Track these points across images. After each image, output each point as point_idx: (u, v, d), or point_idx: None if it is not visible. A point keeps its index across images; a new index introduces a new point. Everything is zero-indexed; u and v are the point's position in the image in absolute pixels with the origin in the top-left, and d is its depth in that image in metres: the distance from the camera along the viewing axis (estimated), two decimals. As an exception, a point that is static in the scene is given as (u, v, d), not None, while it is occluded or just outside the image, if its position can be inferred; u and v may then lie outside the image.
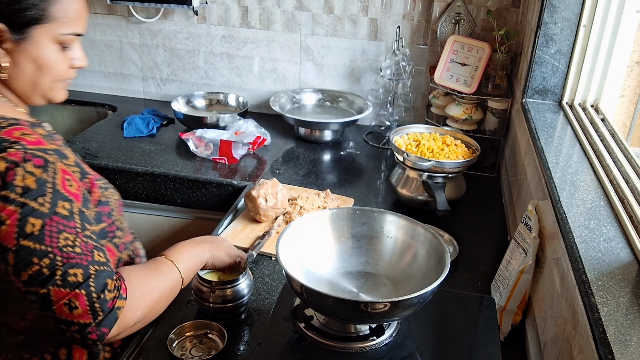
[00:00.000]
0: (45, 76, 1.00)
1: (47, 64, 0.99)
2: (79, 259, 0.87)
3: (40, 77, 1.00)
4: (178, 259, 1.07)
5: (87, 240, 0.91)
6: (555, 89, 1.60)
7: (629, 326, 0.74)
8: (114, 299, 0.88)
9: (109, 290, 0.88)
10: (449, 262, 1.00)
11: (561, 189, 1.09)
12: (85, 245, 0.90)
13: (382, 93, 2.21)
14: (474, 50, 1.92)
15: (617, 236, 0.95)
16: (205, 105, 2.40)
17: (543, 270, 1.13)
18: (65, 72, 1.03)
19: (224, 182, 1.82)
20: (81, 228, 0.91)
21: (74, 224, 0.90)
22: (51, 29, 0.97)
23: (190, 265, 1.09)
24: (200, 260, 1.12)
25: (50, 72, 1.00)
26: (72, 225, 0.89)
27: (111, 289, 0.88)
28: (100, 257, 0.91)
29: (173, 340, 1.08)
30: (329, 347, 1.00)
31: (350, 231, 1.17)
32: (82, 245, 0.89)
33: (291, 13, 2.26)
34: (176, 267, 1.05)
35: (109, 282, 0.89)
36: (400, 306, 0.94)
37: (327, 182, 1.87)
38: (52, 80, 1.01)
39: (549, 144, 1.32)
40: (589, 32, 1.50)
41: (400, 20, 2.16)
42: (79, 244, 0.89)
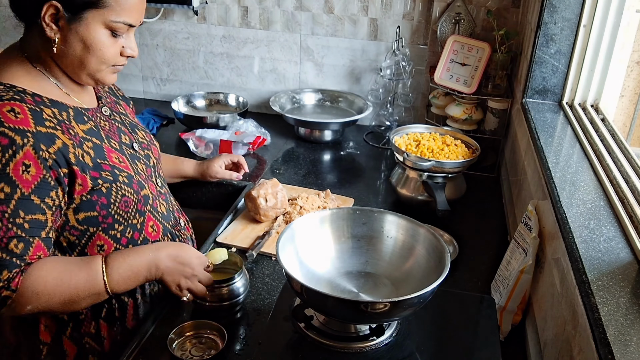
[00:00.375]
0: (92, 57, 1.05)
1: (94, 45, 1.04)
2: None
3: (87, 57, 1.05)
4: (114, 267, 1.05)
5: (11, 227, 0.95)
6: (555, 89, 1.60)
7: (629, 326, 0.74)
8: (1, 288, 0.94)
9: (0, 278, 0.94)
10: (449, 262, 1.00)
11: (561, 189, 1.09)
12: (5, 230, 0.94)
13: (382, 93, 2.21)
14: (474, 50, 1.92)
15: (617, 236, 0.95)
16: (205, 105, 2.40)
17: (543, 270, 1.13)
18: (114, 57, 1.08)
19: (224, 182, 1.82)
20: (10, 214, 0.94)
21: (4, 208, 0.94)
22: (103, 14, 1.02)
23: (125, 278, 1.07)
24: (137, 278, 1.09)
25: (97, 54, 1.05)
26: (2, 209, 0.94)
27: (2, 278, 0.94)
28: (15, 249, 0.95)
29: (173, 340, 1.08)
30: (329, 347, 1.00)
31: (350, 231, 1.17)
32: (1, 230, 0.94)
33: (291, 13, 2.26)
34: (103, 276, 1.04)
35: (4, 272, 0.94)
36: (400, 306, 0.94)
37: (327, 182, 1.87)
38: (98, 62, 1.07)
39: (549, 144, 1.32)
40: (589, 32, 1.50)
41: (400, 20, 2.16)
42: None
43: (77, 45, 1.03)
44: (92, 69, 1.07)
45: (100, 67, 1.07)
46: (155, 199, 1.22)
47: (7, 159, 0.94)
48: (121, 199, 1.10)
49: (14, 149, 0.94)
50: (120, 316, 1.17)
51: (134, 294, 1.19)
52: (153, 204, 1.20)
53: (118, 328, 1.17)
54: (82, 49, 1.04)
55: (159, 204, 1.24)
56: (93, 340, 1.15)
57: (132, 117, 1.32)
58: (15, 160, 0.95)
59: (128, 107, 1.34)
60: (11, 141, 0.94)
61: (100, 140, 1.12)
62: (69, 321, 1.12)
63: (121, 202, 1.10)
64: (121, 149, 1.16)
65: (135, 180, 1.15)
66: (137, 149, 1.22)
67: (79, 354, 1.15)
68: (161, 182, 1.29)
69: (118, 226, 1.12)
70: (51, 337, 1.12)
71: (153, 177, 1.25)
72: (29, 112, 0.99)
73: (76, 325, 1.13)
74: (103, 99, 1.23)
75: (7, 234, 0.94)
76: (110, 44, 1.06)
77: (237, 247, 1.47)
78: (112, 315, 1.16)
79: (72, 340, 1.13)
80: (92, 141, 1.09)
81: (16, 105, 0.98)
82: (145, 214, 1.17)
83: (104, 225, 1.10)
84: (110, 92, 1.30)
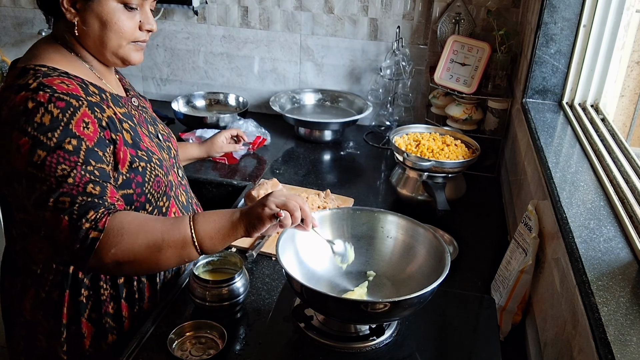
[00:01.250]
0: (110, 33, 1.09)
1: (110, 21, 1.08)
2: (68, 189, 0.96)
3: (106, 34, 1.09)
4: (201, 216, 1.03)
5: (84, 174, 0.98)
6: (555, 89, 1.60)
7: (629, 326, 0.74)
8: (89, 229, 0.95)
9: (87, 219, 0.95)
10: (449, 262, 1.00)
11: (561, 189, 1.09)
12: (80, 177, 0.98)
13: (382, 93, 2.21)
14: (474, 50, 1.92)
15: (617, 236, 0.95)
16: (205, 105, 2.40)
17: (543, 270, 1.13)
18: (131, 31, 1.11)
19: (224, 182, 1.82)
20: (82, 162, 0.99)
21: (76, 158, 0.98)
22: None
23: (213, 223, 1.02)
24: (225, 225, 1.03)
25: (114, 29, 1.08)
26: (73, 159, 0.98)
27: (89, 219, 0.96)
28: (94, 190, 0.98)
29: (173, 340, 1.08)
30: (329, 347, 1.00)
31: (350, 231, 1.17)
32: (76, 177, 0.97)
33: (291, 13, 2.26)
34: (190, 222, 1.01)
35: (90, 212, 0.96)
36: (400, 306, 0.94)
37: (327, 182, 1.87)
38: (118, 38, 1.10)
39: (549, 144, 1.32)
40: (589, 32, 1.50)
41: (400, 20, 2.16)
42: (74, 175, 0.97)
43: (95, 23, 1.08)
44: (114, 45, 1.10)
45: (121, 42, 1.10)
46: (177, 187, 1.26)
47: (68, 117, 1.00)
48: (154, 178, 1.14)
49: (72, 110, 1.00)
50: (139, 298, 1.20)
51: (153, 277, 1.22)
52: (176, 192, 1.24)
53: (137, 309, 1.20)
54: (100, 26, 1.08)
55: (180, 193, 1.28)
56: (112, 320, 1.18)
57: (152, 112, 1.36)
58: (76, 117, 1.00)
59: (147, 102, 1.38)
60: (68, 104, 1.00)
61: (134, 123, 1.16)
62: (87, 302, 1.15)
63: (154, 182, 1.14)
64: (150, 137, 1.21)
65: (164, 164, 1.19)
66: (161, 139, 1.27)
67: (96, 334, 1.17)
68: (182, 174, 1.34)
69: (148, 206, 1.15)
70: (69, 319, 1.15)
71: (175, 167, 1.29)
72: (78, 85, 1.05)
73: (95, 306, 1.16)
74: (129, 91, 1.27)
75: (83, 179, 0.98)
76: (126, 18, 1.09)
77: (237, 247, 1.47)
78: (132, 297, 1.19)
79: (90, 322, 1.16)
80: (128, 123, 1.14)
81: (64, 79, 1.04)
82: (170, 199, 1.21)
83: (136, 204, 1.13)
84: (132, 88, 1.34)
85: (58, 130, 0.98)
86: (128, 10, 1.09)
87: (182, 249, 1.00)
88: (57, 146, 0.97)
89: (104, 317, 1.16)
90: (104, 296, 1.15)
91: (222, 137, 1.73)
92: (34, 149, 0.97)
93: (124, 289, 1.17)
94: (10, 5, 2.49)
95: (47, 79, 1.02)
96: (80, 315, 1.15)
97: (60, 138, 0.98)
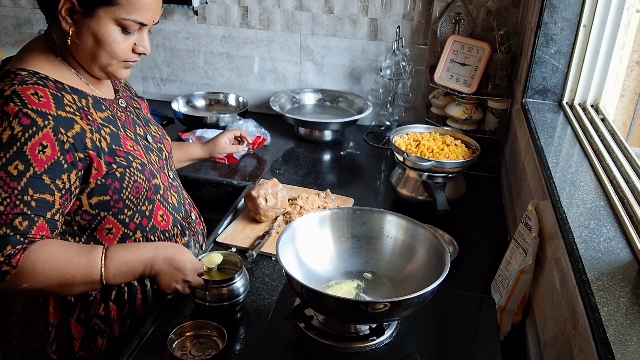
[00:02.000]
0: (102, 51, 1.08)
1: (105, 40, 1.07)
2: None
3: (98, 51, 1.08)
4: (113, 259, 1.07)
5: (18, 204, 0.98)
6: (555, 89, 1.60)
7: (629, 326, 0.74)
8: (2, 263, 0.96)
9: (2, 254, 0.96)
10: (449, 262, 1.00)
11: (561, 189, 1.09)
12: (12, 207, 0.97)
13: (382, 93, 2.21)
14: (474, 50, 1.92)
15: (617, 236, 0.95)
16: (205, 105, 2.40)
17: (543, 270, 1.13)
18: (124, 53, 1.10)
19: (224, 182, 1.82)
20: (20, 191, 0.98)
21: (15, 184, 0.98)
22: (115, 11, 1.05)
23: (121, 272, 1.08)
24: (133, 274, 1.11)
25: (107, 49, 1.08)
26: (12, 185, 0.98)
27: (5, 253, 0.96)
28: (20, 226, 0.98)
29: (173, 340, 1.08)
30: (329, 347, 1.00)
31: (350, 231, 1.17)
32: (8, 207, 0.97)
33: (291, 13, 2.26)
34: (101, 267, 1.05)
35: (8, 247, 0.97)
36: (400, 306, 0.94)
37: (327, 182, 1.87)
38: (108, 57, 1.09)
39: (549, 144, 1.32)
40: (589, 32, 1.50)
41: (400, 20, 2.16)
42: (6, 204, 0.97)
43: (89, 39, 1.07)
44: (103, 62, 1.10)
45: (111, 61, 1.10)
46: (166, 190, 1.25)
47: (26, 138, 0.98)
48: (133, 184, 1.14)
49: (34, 129, 0.99)
50: (129, 300, 1.20)
51: (143, 281, 1.21)
52: (164, 194, 1.24)
53: (127, 311, 1.20)
54: (94, 43, 1.07)
55: (170, 195, 1.27)
56: (102, 322, 1.18)
57: (146, 113, 1.36)
58: (34, 140, 0.99)
59: (143, 103, 1.38)
60: (32, 122, 0.99)
61: (117, 128, 1.15)
62: (76, 303, 1.15)
63: (133, 188, 1.14)
64: (136, 139, 1.20)
65: (148, 168, 1.18)
66: (150, 141, 1.26)
67: (86, 336, 1.17)
68: (173, 175, 1.33)
69: (127, 211, 1.15)
70: (58, 319, 1.15)
71: (165, 169, 1.29)
72: (51, 97, 1.04)
73: (84, 307, 1.16)
74: (120, 92, 1.27)
75: (14, 210, 0.97)
76: (121, 40, 1.09)
77: (237, 247, 1.47)
78: (121, 299, 1.19)
79: (79, 323, 1.16)
80: (109, 128, 1.13)
81: (39, 89, 1.03)
82: (154, 203, 1.20)
83: (114, 210, 1.13)
84: (126, 87, 1.35)
85: (11, 150, 0.98)
86: (124, 34, 1.08)
87: (90, 285, 1.06)
88: (3, 167, 0.97)
89: (92, 319, 1.16)
90: (92, 297, 1.16)
91: (225, 138, 1.72)
92: None
93: (113, 291, 1.17)
94: (10, 5, 2.49)
95: (22, 87, 1.01)
96: (69, 316, 1.15)
97: (10, 160, 0.97)
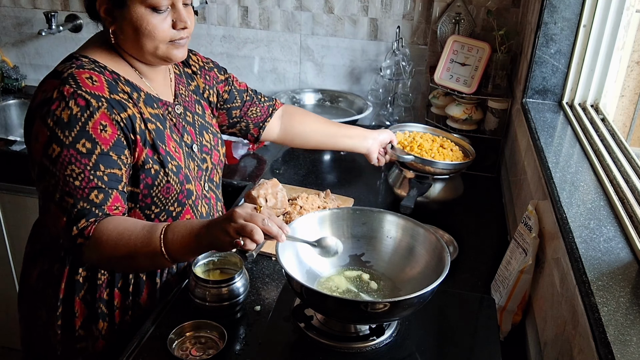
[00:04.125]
0: (144, 37, 1.10)
1: (141, 25, 1.09)
2: (74, 190, 1.03)
3: (140, 39, 1.11)
4: (174, 226, 1.05)
5: (92, 179, 1.04)
6: (555, 89, 1.60)
7: (629, 326, 0.74)
8: (77, 236, 1.03)
9: (77, 227, 1.03)
10: (448, 262, 1.00)
11: (561, 189, 1.09)
12: (87, 181, 1.03)
13: (382, 93, 2.21)
14: (474, 50, 1.92)
15: (617, 236, 0.95)
16: (205, 105, 2.40)
17: (543, 270, 1.13)
18: (164, 33, 1.11)
19: (224, 182, 1.82)
20: (92, 167, 1.04)
21: (87, 161, 1.03)
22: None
23: (181, 237, 1.03)
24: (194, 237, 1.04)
25: (146, 33, 1.10)
26: (84, 161, 1.03)
27: (79, 226, 1.03)
28: (96, 198, 1.04)
29: (173, 340, 1.08)
30: (329, 347, 1.00)
31: (350, 231, 1.17)
32: (84, 181, 1.03)
33: (291, 13, 2.26)
34: (161, 234, 1.03)
35: (82, 221, 1.03)
36: (400, 306, 0.94)
37: (327, 182, 1.87)
38: (152, 41, 1.11)
39: (549, 144, 1.32)
40: (589, 32, 1.50)
41: (400, 20, 2.16)
42: (81, 178, 1.03)
43: (129, 30, 1.10)
44: (150, 48, 1.12)
45: (157, 44, 1.12)
46: (198, 198, 1.26)
47: (86, 118, 1.04)
48: (164, 185, 1.16)
49: (90, 110, 1.04)
50: (134, 291, 1.21)
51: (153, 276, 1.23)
52: (195, 201, 1.25)
53: (130, 301, 1.21)
54: (134, 32, 1.10)
55: (201, 204, 1.28)
56: (105, 306, 1.19)
57: (209, 119, 1.36)
58: (94, 119, 1.05)
59: (209, 107, 1.38)
60: (87, 103, 1.04)
61: (164, 127, 1.18)
62: (83, 284, 1.18)
63: (163, 188, 1.16)
64: (180, 144, 1.22)
65: (183, 172, 1.20)
66: (195, 150, 1.27)
67: (88, 317, 1.19)
68: (209, 187, 1.33)
69: (155, 208, 1.18)
70: (65, 295, 1.18)
71: (202, 179, 1.29)
72: (105, 82, 1.09)
73: (91, 289, 1.18)
74: (181, 97, 1.28)
75: (89, 185, 1.03)
76: (158, 21, 1.10)
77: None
78: (127, 289, 1.20)
79: (84, 302, 1.19)
80: (155, 124, 1.16)
81: (94, 74, 1.09)
82: (185, 206, 1.22)
83: (141, 204, 1.16)
84: (195, 91, 1.34)
85: (75, 129, 1.03)
86: (158, 13, 1.09)
87: (153, 259, 1.06)
88: (72, 145, 1.02)
89: (97, 302, 1.18)
90: (100, 280, 1.18)
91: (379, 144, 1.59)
92: (50, 142, 1.02)
93: (120, 279, 1.20)
94: (10, 5, 2.49)
95: (79, 71, 1.07)
96: (74, 294, 1.18)
97: (76, 138, 1.03)
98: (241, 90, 1.46)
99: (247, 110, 1.47)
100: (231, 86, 1.44)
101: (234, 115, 1.46)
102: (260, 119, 1.49)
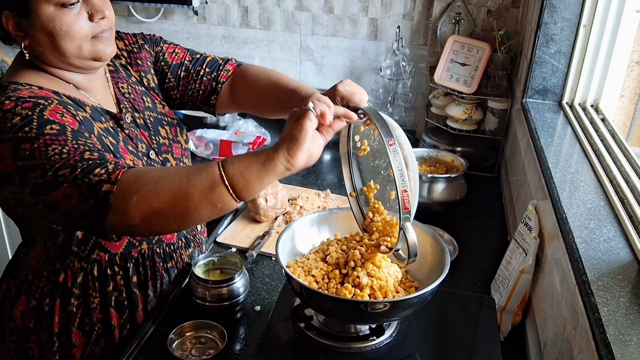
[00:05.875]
0: (62, 40, 0.99)
1: (56, 28, 0.98)
2: (64, 162, 0.88)
3: (60, 43, 0.99)
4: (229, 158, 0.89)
5: (78, 146, 0.90)
6: (555, 89, 1.60)
7: (629, 326, 0.74)
8: (100, 182, 0.86)
9: (94, 174, 0.87)
10: (449, 262, 1.00)
11: (561, 189, 1.09)
12: (75, 149, 0.89)
13: (382, 93, 2.21)
14: (474, 50, 1.92)
15: (617, 236, 0.95)
16: (205, 105, 2.39)
17: (543, 270, 1.13)
18: (82, 29, 1.00)
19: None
20: (72, 138, 0.90)
21: (63, 137, 0.90)
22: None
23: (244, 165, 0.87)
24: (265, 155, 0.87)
25: (63, 35, 0.99)
26: (61, 138, 0.90)
27: (97, 174, 0.87)
28: (92, 155, 0.89)
29: (173, 340, 1.08)
30: (329, 347, 1.00)
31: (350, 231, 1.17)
32: (70, 151, 0.89)
33: (291, 13, 2.26)
34: (219, 163, 0.87)
35: (96, 170, 0.87)
36: (400, 306, 0.94)
37: (327, 182, 1.87)
38: (71, 41, 1.00)
39: (549, 144, 1.32)
40: (589, 32, 1.50)
41: (400, 20, 2.16)
42: (66, 150, 0.89)
43: (44, 37, 0.99)
44: (73, 51, 1.01)
45: (79, 43, 1.01)
46: None
47: (39, 111, 0.92)
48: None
49: (41, 107, 0.93)
50: (129, 306, 1.17)
51: (145, 289, 1.19)
52: None
53: (127, 318, 1.17)
54: (49, 38, 0.99)
55: None
56: (103, 328, 1.16)
57: (161, 109, 1.25)
58: (49, 109, 0.93)
59: (157, 96, 1.26)
60: (35, 104, 0.93)
61: (117, 140, 1.09)
62: (77, 312, 1.13)
63: None
64: (137, 155, 1.13)
65: None
66: (153, 157, 1.18)
67: (87, 343, 1.15)
68: None
69: None
70: (60, 327, 1.13)
71: None
72: (51, 93, 0.99)
73: (85, 314, 1.13)
74: (125, 97, 1.17)
75: (78, 150, 0.89)
76: (71, 18, 0.99)
77: (237, 247, 1.47)
78: (121, 306, 1.16)
79: (80, 331, 1.14)
80: (108, 139, 1.06)
81: (36, 89, 0.99)
82: None
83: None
84: (137, 82, 1.22)
85: (34, 123, 0.90)
86: (69, 9, 0.98)
87: (211, 191, 0.85)
88: (40, 133, 0.89)
89: (95, 325, 1.15)
90: (94, 304, 1.14)
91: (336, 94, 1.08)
92: (17, 146, 0.89)
93: (113, 297, 1.15)
94: (10, 5, 2.49)
95: (17, 92, 0.95)
96: (70, 324, 1.13)
97: (40, 127, 0.90)
98: (174, 65, 1.27)
99: (186, 90, 1.28)
100: (160, 63, 1.26)
101: (173, 96, 1.28)
102: (204, 97, 1.29)
